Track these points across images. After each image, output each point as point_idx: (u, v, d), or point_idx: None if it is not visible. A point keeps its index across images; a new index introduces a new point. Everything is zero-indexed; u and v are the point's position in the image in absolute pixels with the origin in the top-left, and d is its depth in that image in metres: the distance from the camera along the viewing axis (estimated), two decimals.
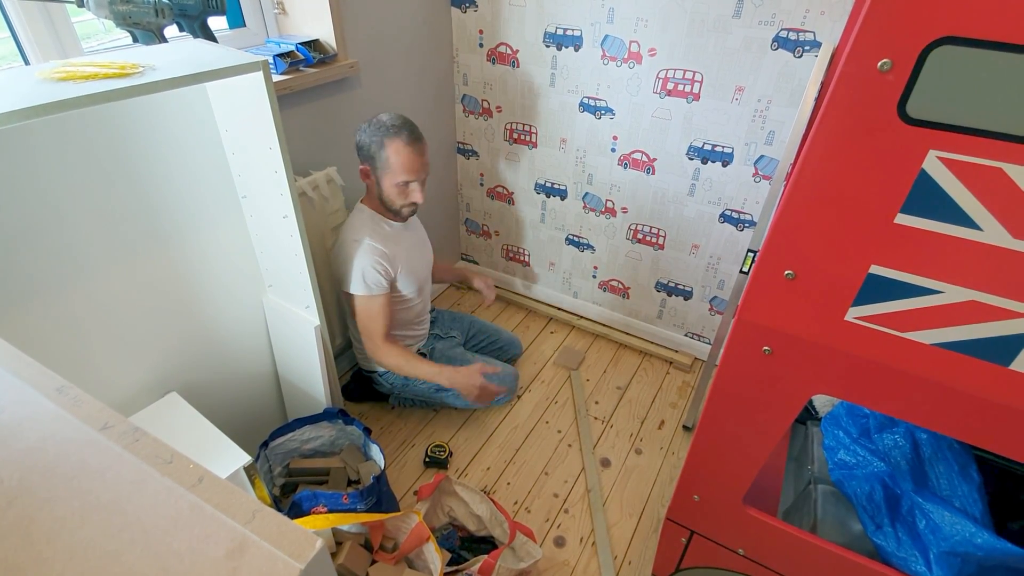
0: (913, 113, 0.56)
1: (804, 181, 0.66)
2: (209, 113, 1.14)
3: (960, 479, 0.97)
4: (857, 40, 0.55)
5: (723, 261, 1.84)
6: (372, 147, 1.39)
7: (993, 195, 0.57)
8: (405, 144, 1.39)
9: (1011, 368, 0.64)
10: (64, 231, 1.00)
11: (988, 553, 0.83)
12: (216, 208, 1.22)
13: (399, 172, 1.40)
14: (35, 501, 0.33)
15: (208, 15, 1.17)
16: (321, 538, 0.31)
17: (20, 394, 0.38)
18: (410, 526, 1.21)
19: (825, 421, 1.15)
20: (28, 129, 0.90)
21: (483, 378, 1.56)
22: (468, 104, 2.06)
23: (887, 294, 0.67)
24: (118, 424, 0.36)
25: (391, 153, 1.38)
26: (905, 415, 0.76)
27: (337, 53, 1.52)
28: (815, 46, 1.40)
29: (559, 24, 1.72)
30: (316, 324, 1.32)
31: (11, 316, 0.96)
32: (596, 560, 1.42)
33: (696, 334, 2.05)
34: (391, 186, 1.42)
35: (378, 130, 1.39)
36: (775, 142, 1.56)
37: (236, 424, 1.45)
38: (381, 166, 1.40)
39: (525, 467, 1.66)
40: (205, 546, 0.30)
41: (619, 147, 1.82)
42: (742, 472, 0.96)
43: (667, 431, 1.79)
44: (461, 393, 1.57)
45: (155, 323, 1.19)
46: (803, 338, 0.76)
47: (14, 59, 1.10)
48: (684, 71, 1.60)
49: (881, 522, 0.96)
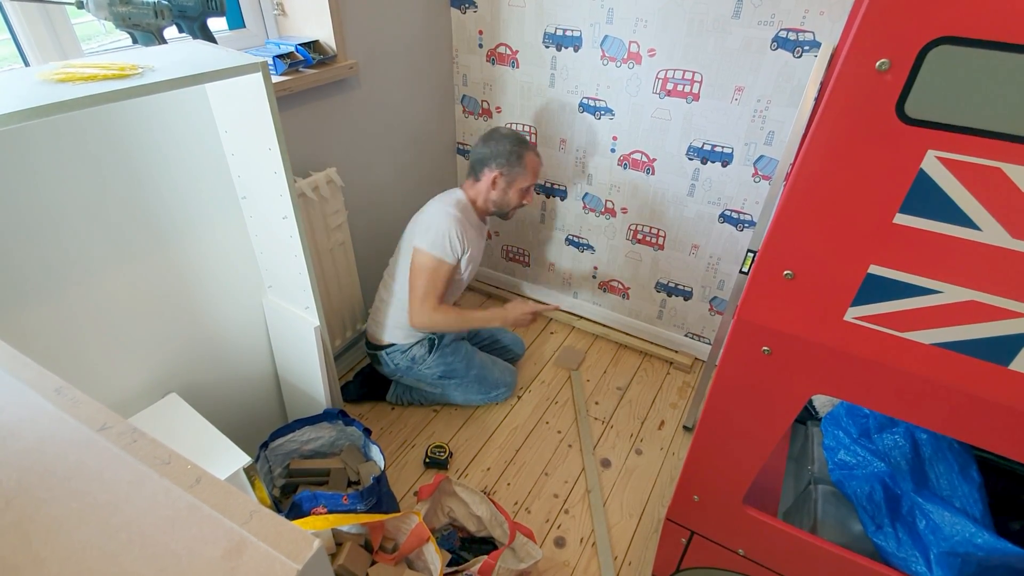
0: (912, 113, 0.56)
1: (803, 181, 0.66)
2: (209, 114, 1.14)
3: (960, 479, 0.96)
4: (855, 40, 0.55)
5: (723, 261, 1.84)
6: (512, 156, 1.58)
7: (992, 195, 0.57)
8: (536, 155, 1.64)
9: (1010, 368, 0.64)
10: (63, 232, 1.00)
11: (988, 553, 0.83)
12: (216, 209, 1.22)
13: (530, 178, 1.62)
14: (33, 502, 0.33)
15: (207, 16, 1.17)
16: (319, 539, 0.31)
17: (18, 395, 0.38)
18: (410, 527, 1.21)
19: (825, 421, 1.15)
20: (27, 130, 0.90)
21: (530, 303, 1.71)
22: (468, 105, 2.06)
23: (886, 294, 0.67)
24: (116, 425, 0.36)
25: (528, 161, 1.60)
26: (905, 415, 0.76)
27: (337, 54, 1.52)
28: (814, 46, 1.40)
29: (559, 25, 1.72)
30: (316, 325, 1.32)
31: (10, 316, 0.96)
32: (596, 561, 1.42)
33: (696, 334, 2.05)
34: (517, 191, 1.63)
35: (515, 142, 1.58)
36: (775, 142, 1.56)
37: (236, 425, 1.45)
38: (516, 172, 1.59)
39: (525, 468, 1.66)
40: (202, 547, 0.30)
41: (619, 147, 1.82)
42: (742, 472, 0.96)
43: (667, 431, 1.79)
44: (515, 328, 1.77)
45: (154, 324, 1.19)
46: (803, 338, 0.76)
47: (14, 60, 1.11)
48: (683, 71, 1.60)
49: (881, 522, 0.96)
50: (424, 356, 1.69)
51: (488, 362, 1.81)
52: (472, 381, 1.76)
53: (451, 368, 1.72)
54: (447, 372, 1.72)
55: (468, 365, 1.74)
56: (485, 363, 1.80)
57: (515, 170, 1.59)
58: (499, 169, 1.59)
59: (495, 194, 1.62)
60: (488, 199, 1.64)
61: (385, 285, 1.72)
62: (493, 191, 1.62)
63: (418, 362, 1.69)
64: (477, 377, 1.76)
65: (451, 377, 1.73)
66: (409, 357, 1.69)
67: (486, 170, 1.60)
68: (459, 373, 1.73)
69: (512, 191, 1.62)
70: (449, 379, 1.73)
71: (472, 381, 1.76)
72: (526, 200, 1.67)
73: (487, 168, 1.60)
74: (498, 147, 1.58)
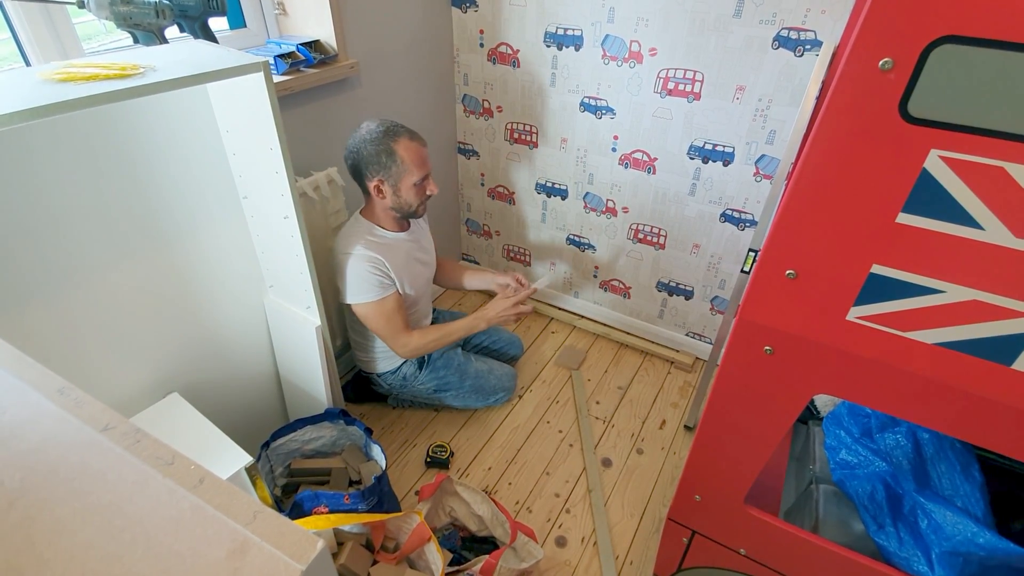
0: (914, 112, 0.56)
1: (805, 180, 0.66)
2: (210, 114, 1.14)
3: (962, 479, 0.96)
4: (858, 39, 0.55)
5: (724, 261, 1.84)
6: (381, 156, 1.37)
7: (995, 194, 0.57)
8: (411, 140, 1.40)
9: (1013, 368, 0.64)
10: (64, 232, 1.00)
11: (990, 553, 0.83)
12: (217, 209, 1.22)
13: (415, 169, 1.40)
14: (36, 502, 0.33)
15: (209, 16, 1.17)
16: (322, 539, 0.31)
17: (21, 395, 0.38)
18: (411, 526, 1.21)
19: (827, 421, 1.15)
20: (28, 130, 0.90)
21: (509, 301, 1.60)
22: (469, 104, 2.06)
23: (889, 294, 0.67)
24: (119, 425, 0.36)
25: (402, 153, 1.38)
26: (907, 415, 0.76)
27: (338, 54, 1.52)
28: (816, 45, 1.40)
29: (559, 24, 1.72)
30: (317, 324, 1.32)
31: (12, 317, 0.97)
32: (597, 560, 1.42)
33: (697, 334, 2.05)
34: (409, 187, 1.42)
35: (378, 139, 1.37)
36: (776, 141, 1.56)
37: (237, 425, 1.45)
38: (396, 171, 1.39)
39: (526, 467, 1.66)
40: (206, 547, 0.30)
41: (620, 147, 1.82)
42: (744, 472, 0.96)
43: (668, 431, 1.79)
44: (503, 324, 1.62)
45: (156, 324, 1.19)
46: (804, 338, 0.76)
47: (15, 60, 1.11)
48: (685, 70, 1.60)
49: (883, 522, 0.96)
50: (415, 374, 1.68)
51: (484, 370, 1.78)
52: (468, 391, 1.74)
53: (444, 381, 1.71)
54: (441, 386, 1.71)
55: (462, 376, 1.72)
56: (481, 371, 1.76)
57: (392, 169, 1.38)
58: (375, 176, 1.39)
59: (389, 200, 1.44)
60: (386, 208, 1.47)
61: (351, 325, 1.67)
62: (383, 198, 1.44)
63: (410, 380, 1.68)
64: (473, 387, 1.74)
65: (446, 390, 1.72)
66: (400, 376, 1.68)
67: (367, 181, 1.42)
68: (453, 385, 1.72)
69: (404, 191, 1.42)
70: (444, 392, 1.72)
71: (468, 391, 1.74)
72: (430, 191, 1.46)
73: (366, 179, 1.41)
74: (362, 153, 1.38)
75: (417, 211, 1.50)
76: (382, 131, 1.38)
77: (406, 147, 1.38)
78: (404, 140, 1.38)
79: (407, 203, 1.45)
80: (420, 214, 1.53)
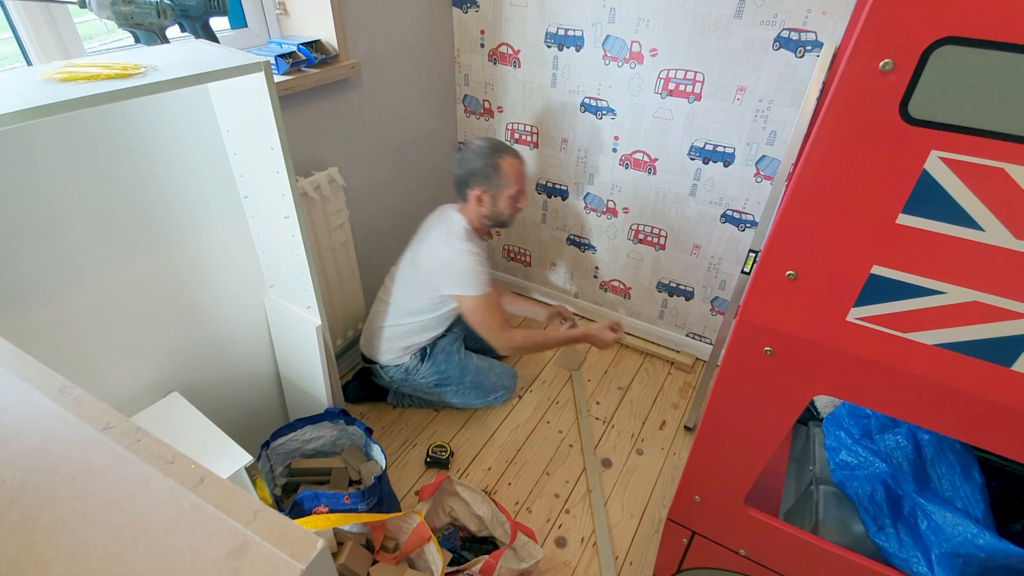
0: (915, 113, 0.56)
1: (806, 181, 0.66)
2: (211, 114, 1.14)
3: (962, 480, 0.96)
4: (859, 40, 0.55)
5: (724, 261, 1.84)
6: (487, 169, 1.54)
7: (995, 195, 0.57)
8: (514, 158, 1.57)
9: (1013, 369, 0.64)
10: (65, 231, 1.00)
11: (990, 554, 0.83)
12: (218, 208, 1.22)
13: (514, 184, 1.57)
14: (37, 501, 0.33)
15: (210, 16, 1.17)
16: (322, 538, 0.31)
17: (22, 394, 0.38)
18: (411, 526, 1.21)
19: (827, 422, 1.15)
20: (29, 129, 0.91)
21: (610, 332, 1.73)
22: (469, 104, 2.06)
23: (889, 295, 0.67)
24: (120, 424, 0.36)
25: (506, 168, 1.54)
26: (907, 416, 0.76)
27: (339, 54, 1.52)
28: (817, 46, 1.40)
29: (560, 24, 1.72)
30: (317, 324, 1.32)
31: (13, 316, 0.97)
32: (597, 561, 1.42)
33: (697, 334, 2.05)
34: (506, 199, 1.58)
35: (487, 154, 1.54)
36: (776, 142, 1.56)
37: (238, 424, 1.45)
38: (498, 184, 1.55)
39: (526, 467, 1.66)
40: (207, 546, 0.30)
41: (620, 147, 1.82)
42: (744, 473, 0.96)
43: (668, 431, 1.79)
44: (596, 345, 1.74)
45: (157, 323, 1.19)
46: (805, 339, 0.76)
47: (16, 59, 1.11)
48: (685, 71, 1.60)
49: (883, 523, 0.96)
50: (417, 366, 1.69)
51: (484, 367, 1.80)
52: (468, 387, 1.76)
53: (445, 376, 1.72)
54: (441, 380, 1.72)
55: (463, 372, 1.74)
56: (481, 368, 1.79)
57: (495, 182, 1.55)
58: (480, 187, 1.56)
59: (485, 210, 1.60)
60: (480, 216, 1.62)
61: (380, 301, 1.71)
62: (482, 208, 1.59)
63: (412, 373, 1.69)
64: (473, 383, 1.76)
65: (446, 384, 1.73)
66: (403, 369, 1.69)
67: (468, 191, 1.58)
68: (454, 380, 1.73)
69: (500, 202, 1.59)
70: (445, 386, 1.73)
71: (468, 387, 1.76)
72: (520, 205, 1.64)
73: (468, 188, 1.57)
74: (471, 165, 1.55)
75: (508, 221, 1.66)
76: (490, 148, 1.55)
77: (509, 163, 1.55)
78: (508, 157, 1.55)
79: (501, 213, 1.61)
80: (509, 225, 1.69)
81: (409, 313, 1.65)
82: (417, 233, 1.70)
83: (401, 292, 1.66)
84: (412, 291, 1.64)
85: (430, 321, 1.67)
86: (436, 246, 1.59)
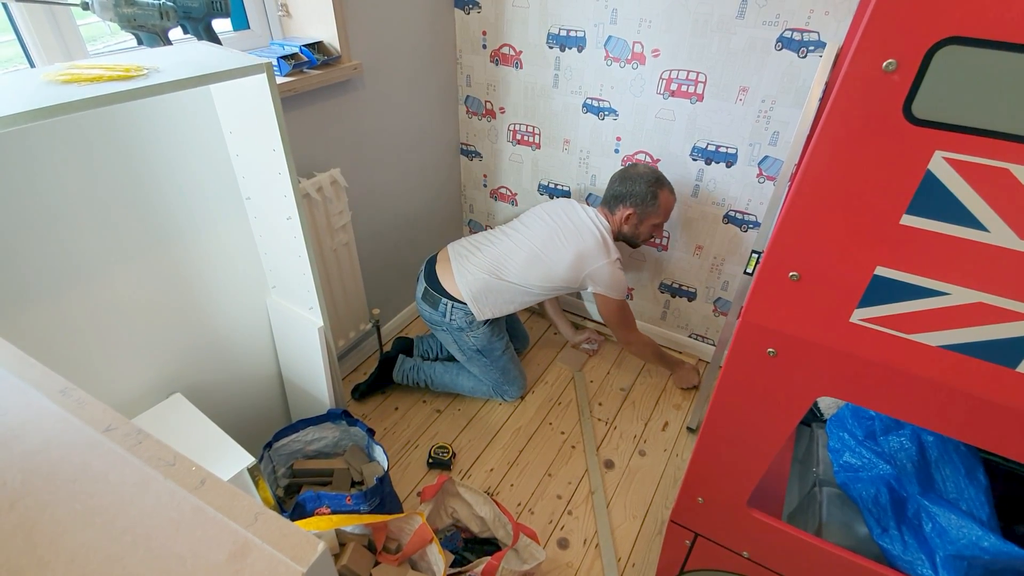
0: (919, 114, 0.56)
1: (809, 182, 0.65)
2: (213, 115, 1.14)
3: (967, 482, 0.96)
4: (862, 40, 0.55)
5: (727, 262, 1.83)
6: (648, 195, 1.66)
7: (1000, 196, 0.56)
8: (671, 194, 1.70)
9: (1018, 370, 0.64)
10: (68, 232, 1.00)
11: (995, 556, 0.83)
12: (220, 210, 1.22)
13: (662, 215, 1.70)
14: (37, 504, 0.33)
15: (212, 17, 1.17)
16: (324, 540, 0.31)
17: (23, 396, 0.38)
18: (413, 527, 1.21)
19: (830, 423, 1.15)
20: (32, 131, 0.91)
21: (696, 375, 1.97)
22: (471, 105, 2.06)
23: (893, 296, 0.67)
24: (121, 426, 0.36)
25: (662, 201, 1.67)
26: (911, 417, 0.76)
27: (341, 55, 1.52)
28: (819, 46, 1.40)
29: (562, 25, 1.72)
30: (319, 325, 1.32)
31: (14, 317, 0.97)
32: (600, 562, 1.42)
33: (700, 335, 2.04)
34: (650, 226, 1.72)
35: (651, 183, 1.65)
36: (779, 143, 1.56)
37: (240, 425, 1.45)
38: (651, 210, 1.67)
39: (528, 469, 1.66)
40: (207, 549, 0.30)
41: (623, 148, 1.82)
42: (747, 474, 0.95)
43: (671, 433, 1.79)
44: (679, 382, 1.95)
45: (159, 325, 1.19)
46: (808, 340, 0.75)
47: (19, 61, 1.11)
48: (688, 72, 1.59)
49: (887, 525, 0.96)
50: (480, 324, 1.71)
51: (515, 359, 1.87)
52: (498, 368, 1.80)
53: (491, 346, 1.76)
54: (486, 347, 1.75)
55: (504, 351, 1.80)
56: (514, 358, 1.87)
57: (649, 209, 1.67)
58: (633, 208, 1.67)
59: (627, 228, 1.72)
60: (620, 231, 1.74)
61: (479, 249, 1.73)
62: (626, 225, 1.71)
63: (472, 326, 1.71)
64: (503, 366, 1.81)
65: (486, 355, 1.77)
66: (468, 319, 1.70)
67: (621, 207, 1.69)
68: (494, 354, 1.78)
69: (643, 227, 1.71)
70: (483, 356, 1.77)
71: (498, 368, 1.80)
72: (656, 234, 1.76)
73: (622, 205, 1.69)
74: (634, 187, 1.66)
75: (639, 244, 1.81)
76: (655, 178, 1.66)
77: (666, 198, 1.68)
78: (666, 192, 1.68)
79: (640, 235, 1.74)
80: (637, 247, 1.86)
81: (519, 280, 1.69)
82: (546, 214, 1.75)
83: (517, 258, 1.69)
84: (534, 267, 1.68)
85: (527, 296, 1.72)
86: (588, 244, 1.67)
